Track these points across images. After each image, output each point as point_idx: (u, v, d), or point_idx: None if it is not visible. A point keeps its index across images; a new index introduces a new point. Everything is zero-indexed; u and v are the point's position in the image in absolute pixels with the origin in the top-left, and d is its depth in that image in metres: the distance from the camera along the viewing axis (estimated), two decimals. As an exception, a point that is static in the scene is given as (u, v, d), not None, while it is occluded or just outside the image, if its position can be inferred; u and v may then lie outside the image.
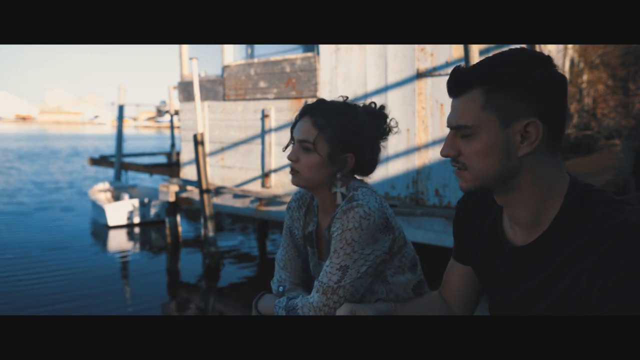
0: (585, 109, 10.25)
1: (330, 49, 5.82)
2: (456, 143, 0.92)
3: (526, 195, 0.90)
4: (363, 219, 1.14)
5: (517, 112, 0.86)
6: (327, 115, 1.22)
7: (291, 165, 1.23)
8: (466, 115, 0.89)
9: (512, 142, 0.87)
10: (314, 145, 1.20)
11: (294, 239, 1.37)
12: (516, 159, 0.88)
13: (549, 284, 0.87)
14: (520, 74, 0.85)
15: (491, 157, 0.88)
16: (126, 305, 5.57)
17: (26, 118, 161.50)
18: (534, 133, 0.86)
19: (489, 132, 0.87)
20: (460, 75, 0.91)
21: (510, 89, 0.86)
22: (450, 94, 0.93)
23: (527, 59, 0.86)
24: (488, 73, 0.87)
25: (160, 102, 73.51)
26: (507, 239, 0.98)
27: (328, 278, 1.15)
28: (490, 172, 0.89)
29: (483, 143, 0.88)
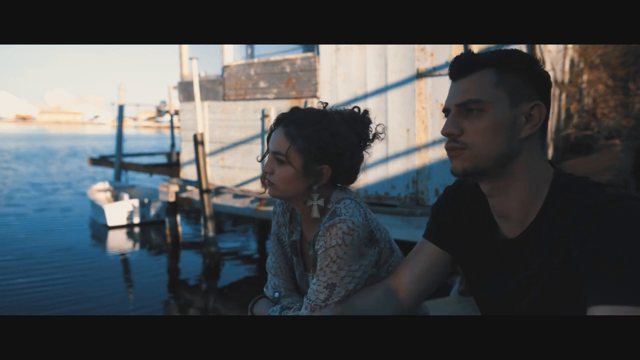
0: (585, 109, 10.25)
1: (330, 49, 5.82)
2: (459, 121, 0.92)
3: (518, 183, 0.92)
4: (346, 235, 1.09)
5: (525, 94, 0.90)
6: (299, 125, 1.16)
7: (266, 177, 1.19)
8: (478, 90, 0.90)
9: (517, 123, 0.90)
10: (286, 157, 1.15)
11: (281, 245, 1.34)
12: (518, 141, 0.90)
13: (541, 271, 0.88)
14: (528, 63, 0.91)
15: (497, 135, 0.89)
16: (126, 305, 5.57)
17: (26, 118, 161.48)
18: (537, 116, 0.90)
19: (499, 109, 0.89)
20: (471, 56, 0.93)
21: (519, 73, 0.90)
22: (458, 74, 0.93)
23: (528, 55, 0.93)
24: (500, 56, 0.91)
25: (160, 102, 73.54)
26: (500, 231, 0.99)
27: (316, 296, 1.11)
28: (493, 151, 0.89)
29: (491, 120, 0.89)
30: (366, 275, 1.14)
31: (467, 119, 0.91)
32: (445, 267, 1.14)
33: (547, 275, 0.87)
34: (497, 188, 0.94)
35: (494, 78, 0.90)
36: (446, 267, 1.14)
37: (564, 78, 10.09)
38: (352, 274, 1.11)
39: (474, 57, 0.92)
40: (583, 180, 0.89)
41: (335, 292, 1.11)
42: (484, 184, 0.97)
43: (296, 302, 1.25)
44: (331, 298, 1.11)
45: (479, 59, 0.92)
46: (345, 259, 1.10)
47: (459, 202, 1.10)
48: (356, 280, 1.12)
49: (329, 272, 1.11)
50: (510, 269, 0.95)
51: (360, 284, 1.13)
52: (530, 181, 0.91)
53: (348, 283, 1.11)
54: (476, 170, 0.91)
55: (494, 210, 0.98)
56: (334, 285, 1.10)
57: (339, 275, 1.10)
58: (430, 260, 1.13)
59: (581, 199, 0.84)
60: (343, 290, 1.11)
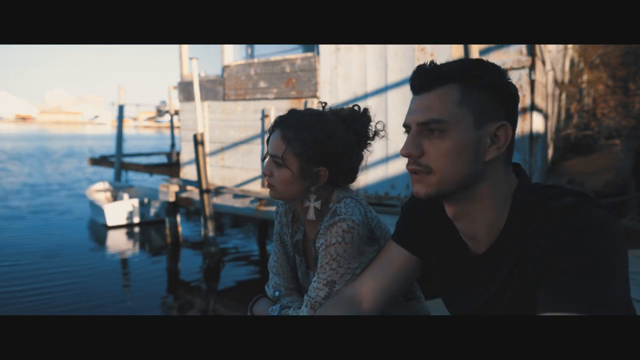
0: (585, 109, 10.26)
1: (330, 49, 5.82)
2: (420, 141, 0.86)
3: (483, 205, 0.88)
4: (346, 233, 1.10)
5: (490, 113, 0.84)
6: (296, 128, 1.16)
7: (266, 179, 1.21)
8: (440, 109, 0.84)
9: (482, 145, 0.84)
10: (283, 161, 1.16)
11: (284, 245, 1.35)
12: (482, 164, 0.85)
13: (507, 285, 0.87)
14: (494, 77, 0.85)
15: (461, 158, 0.84)
16: (126, 305, 5.57)
17: (26, 118, 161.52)
18: (503, 137, 0.85)
19: (463, 130, 0.83)
20: (434, 69, 0.86)
21: (485, 89, 0.84)
22: (420, 88, 0.87)
23: (495, 67, 0.86)
24: (465, 70, 0.85)
25: (160, 102, 73.55)
26: (467, 247, 0.96)
27: (316, 293, 1.13)
28: (456, 175, 0.84)
29: (454, 142, 0.83)
30: None
31: (428, 139, 0.85)
32: (415, 270, 1.08)
33: (512, 288, 0.86)
34: (462, 211, 0.90)
35: (457, 95, 0.83)
36: (416, 271, 1.09)
37: (564, 78, 10.09)
38: (352, 271, 1.13)
39: (437, 70, 0.86)
40: (543, 191, 0.86)
41: (335, 289, 1.12)
42: (448, 206, 0.92)
43: (295, 301, 1.26)
44: (331, 295, 1.12)
45: (443, 73, 0.85)
46: (345, 256, 1.11)
47: (430, 205, 1.04)
48: (355, 277, 1.13)
49: (329, 269, 1.12)
50: (478, 284, 0.93)
51: None
52: (495, 202, 0.87)
53: (347, 280, 1.13)
54: (439, 195, 0.87)
55: (461, 231, 0.95)
56: (334, 282, 1.12)
57: (339, 272, 1.12)
58: (399, 265, 1.08)
59: (540, 210, 0.82)
60: (342, 287, 1.12)
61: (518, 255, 0.84)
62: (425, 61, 0.89)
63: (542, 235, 0.79)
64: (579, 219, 0.77)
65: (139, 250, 8.07)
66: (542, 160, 6.78)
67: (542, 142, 6.58)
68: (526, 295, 0.83)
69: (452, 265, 0.99)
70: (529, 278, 0.82)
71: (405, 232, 1.09)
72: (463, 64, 0.86)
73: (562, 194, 0.83)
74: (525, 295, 0.83)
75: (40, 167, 20.12)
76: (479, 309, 0.94)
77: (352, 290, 1.10)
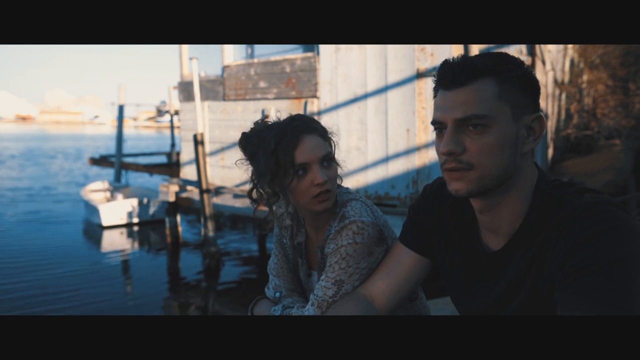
0: (585, 109, 10.25)
1: (330, 49, 5.82)
2: (460, 138, 0.84)
3: (513, 199, 0.88)
4: (357, 235, 1.11)
5: (524, 106, 0.85)
6: (321, 126, 1.21)
7: (324, 189, 1.13)
8: (481, 104, 0.82)
9: (520, 137, 0.85)
10: (333, 155, 1.19)
11: (283, 247, 1.35)
12: (520, 156, 0.86)
13: (521, 281, 0.87)
14: (524, 70, 0.85)
15: (503, 152, 0.83)
16: (126, 305, 5.57)
17: (26, 118, 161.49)
18: (538, 128, 0.86)
19: (503, 124, 0.82)
20: (470, 62, 0.84)
21: (519, 82, 0.84)
22: (453, 83, 0.85)
23: (520, 60, 0.87)
24: (499, 63, 0.84)
25: (160, 102, 73.50)
26: (483, 242, 0.96)
27: (323, 292, 1.13)
28: (498, 170, 0.83)
29: (496, 136, 0.82)
30: (371, 272, 1.15)
31: (467, 135, 0.83)
32: (424, 271, 1.09)
33: (527, 285, 0.86)
34: (491, 205, 0.89)
35: (495, 89, 0.82)
36: (425, 271, 1.10)
37: (564, 78, 10.09)
38: (360, 271, 1.13)
39: (472, 64, 0.83)
40: (563, 187, 0.86)
41: (343, 288, 1.13)
42: (477, 201, 0.91)
43: (297, 302, 1.26)
44: (339, 294, 1.13)
45: (478, 67, 0.83)
46: (355, 257, 1.12)
47: (440, 204, 1.04)
48: (363, 277, 1.14)
49: (338, 268, 1.12)
50: (492, 280, 0.93)
51: (364, 280, 1.15)
52: (523, 194, 0.88)
53: (355, 280, 1.13)
54: (481, 190, 0.85)
55: (483, 224, 0.94)
56: (342, 282, 1.12)
57: (348, 272, 1.12)
58: (408, 267, 1.09)
59: (559, 207, 0.82)
60: (350, 287, 1.13)
61: (535, 252, 0.85)
62: (452, 57, 0.89)
63: (561, 235, 0.79)
64: (597, 219, 0.77)
65: (139, 250, 8.07)
66: (542, 160, 6.78)
67: (542, 142, 6.57)
68: (541, 294, 0.83)
69: (465, 263, 0.99)
70: (545, 277, 0.82)
71: (413, 233, 1.09)
72: (496, 58, 0.85)
73: (582, 192, 0.84)
74: (540, 294, 0.83)
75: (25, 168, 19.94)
76: (491, 306, 0.93)
77: (364, 291, 1.11)
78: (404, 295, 1.11)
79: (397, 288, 1.09)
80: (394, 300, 1.09)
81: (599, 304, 0.71)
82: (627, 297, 0.71)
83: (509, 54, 0.87)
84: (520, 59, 0.88)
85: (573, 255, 0.76)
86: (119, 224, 9.14)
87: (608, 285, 0.72)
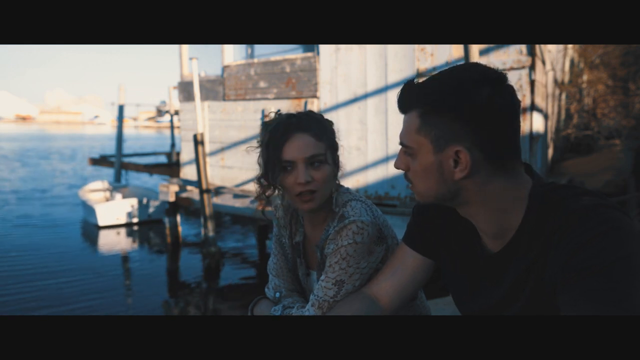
0: (585, 109, 10.26)
1: (330, 49, 5.82)
2: (405, 158, 0.92)
3: (480, 208, 0.89)
4: (356, 235, 1.12)
5: (449, 138, 0.83)
6: (318, 124, 1.18)
7: (307, 189, 1.13)
8: (406, 135, 0.89)
9: (445, 167, 0.85)
10: (324, 157, 1.15)
11: (282, 247, 1.35)
12: (453, 182, 0.86)
13: (522, 284, 0.88)
14: (457, 98, 0.81)
15: (428, 178, 0.88)
16: (125, 305, 5.57)
17: (26, 118, 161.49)
18: (464, 160, 0.83)
19: (423, 154, 0.87)
20: (402, 95, 0.90)
21: (445, 113, 0.83)
22: (399, 110, 0.93)
23: (470, 82, 0.82)
24: (424, 95, 0.85)
25: (160, 102, 73.52)
26: (483, 244, 0.96)
27: (324, 292, 1.13)
28: (430, 192, 0.90)
29: (419, 164, 0.88)
30: (372, 271, 1.16)
31: (409, 156, 0.91)
32: (428, 272, 1.11)
33: (528, 287, 0.86)
34: (464, 213, 0.93)
35: (417, 123, 0.86)
36: (429, 271, 1.11)
37: (564, 78, 10.09)
38: (361, 271, 1.14)
39: (405, 96, 0.89)
40: (561, 190, 0.86)
41: (344, 289, 1.13)
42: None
43: (297, 302, 1.26)
44: (339, 294, 1.13)
45: (407, 100, 0.88)
46: (355, 256, 1.12)
47: (441, 206, 1.03)
48: (363, 276, 1.14)
49: (338, 269, 1.13)
50: (493, 283, 0.94)
51: (365, 280, 1.15)
52: (490, 204, 0.87)
53: (356, 280, 1.13)
54: (427, 203, 0.94)
55: (476, 227, 0.96)
56: (343, 282, 1.12)
57: (348, 272, 1.12)
58: (412, 268, 1.10)
59: (559, 210, 0.82)
60: (351, 287, 1.13)
61: (535, 254, 0.85)
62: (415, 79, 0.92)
63: (561, 238, 0.80)
64: (597, 221, 0.77)
65: (137, 250, 8.06)
66: (542, 160, 6.78)
67: (542, 142, 6.58)
68: (543, 296, 0.84)
69: (467, 264, 1.00)
70: (546, 279, 0.82)
71: (417, 234, 1.10)
72: (425, 89, 0.86)
73: (580, 194, 0.84)
74: (542, 296, 0.84)
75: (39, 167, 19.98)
76: (493, 307, 0.94)
77: (369, 291, 1.12)
78: (408, 296, 1.12)
79: (401, 288, 1.11)
80: (398, 300, 1.11)
81: (601, 304, 0.72)
82: (627, 297, 0.72)
83: (452, 78, 0.84)
84: (474, 81, 0.82)
85: (574, 256, 0.77)
86: (115, 224, 9.12)
87: (609, 285, 0.73)
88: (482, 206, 0.88)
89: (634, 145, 7.29)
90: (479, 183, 0.86)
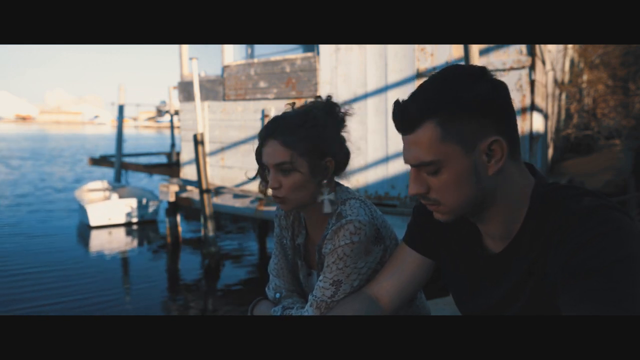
0: (585, 109, 10.26)
1: (330, 49, 5.82)
2: (423, 178, 0.87)
3: (501, 209, 0.88)
4: (353, 235, 1.11)
5: (477, 134, 0.83)
6: (290, 131, 1.15)
7: (274, 194, 1.17)
8: (426, 151, 0.83)
9: (480, 164, 0.84)
10: (292, 165, 1.14)
11: (283, 248, 1.35)
12: (488, 179, 0.85)
13: (523, 284, 0.88)
14: (466, 95, 0.81)
15: (463, 185, 0.84)
16: (125, 305, 5.56)
17: (26, 118, 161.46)
18: (499, 150, 0.83)
19: (455, 161, 0.83)
20: (407, 112, 0.84)
21: (462, 113, 0.81)
22: (400, 131, 0.87)
23: (466, 77, 0.83)
24: (435, 103, 0.82)
25: (160, 102, 73.53)
26: (485, 246, 0.97)
27: (322, 293, 1.13)
28: (465, 200, 0.86)
29: (452, 174, 0.84)
30: (370, 272, 1.15)
31: (429, 175, 0.86)
32: (428, 272, 1.11)
33: (528, 288, 0.87)
34: (480, 218, 0.91)
35: (438, 132, 0.82)
36: (429, 271, 1.12)
37: (564, 78, 10.09)
38: (358, 270, 1.13)
39: (412, 111, 0.83)
40: (562, 191, 0.86)
41: (341, 289, 1.13)
42: (469, 216, 0.94)
43: (297, 303, 1.26)
44: (337, 295, 1.12)
45: (419, 114, 0.83)
46: (352, 256, 1.12)
47: None
48: (361, 277, 1.14)
49: (336, 269, 1.12)
50: (494, 282, 0.94)
51: (363, 280, 1.15)
52: (512, 202, 0.88)
53: (354, 280, 1.13)
54: (458, 217, 0.89)
55: (482, 231, 0.96)
56: (340, 282, 1.12)
57: (345, 272, 1.12)
58: (413, 268, 1.10)
59: (559, 211, 0.83)
60: (349, 287, 1.13)
61: (536, 254, 0.85)
62: (399, 99, 0.87)
63: (561, 238, 0.80)
64: (598, 222, 0.77)
65: (135, 249, 8.05)
66: (542, 160, 6.78)
67: (542, 142, 6.58)
68: (543, 296, 0.84)
69: (467, 264, 1.00)
70: (546, 279, 0.83)
71: (417, 234, 1.10)
72: (432, 96, 0.83)
73: (581, 195, 0.84)
74: (542, 296, 0.84)
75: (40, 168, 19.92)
76: (493, 307, 0.94)
77: (369, 291, 1.12)
78: (408, 296, 1.12)
79: (401, 288, 1.11)
80: (399, 300, 1.11)
81: (601, 304, 0.72)
82: (628, 297, 0.72)
83: (457, 79, 0.83)
84: (474, 75, 0.83)
85: (574, 256, 0.77)
86: (107, 224, 9.07)
87: (609, 285, 0.73)
88: (504, 205, 0.88)
89: (634, 145, 7.29)
90: (507, 175, 0.86)
